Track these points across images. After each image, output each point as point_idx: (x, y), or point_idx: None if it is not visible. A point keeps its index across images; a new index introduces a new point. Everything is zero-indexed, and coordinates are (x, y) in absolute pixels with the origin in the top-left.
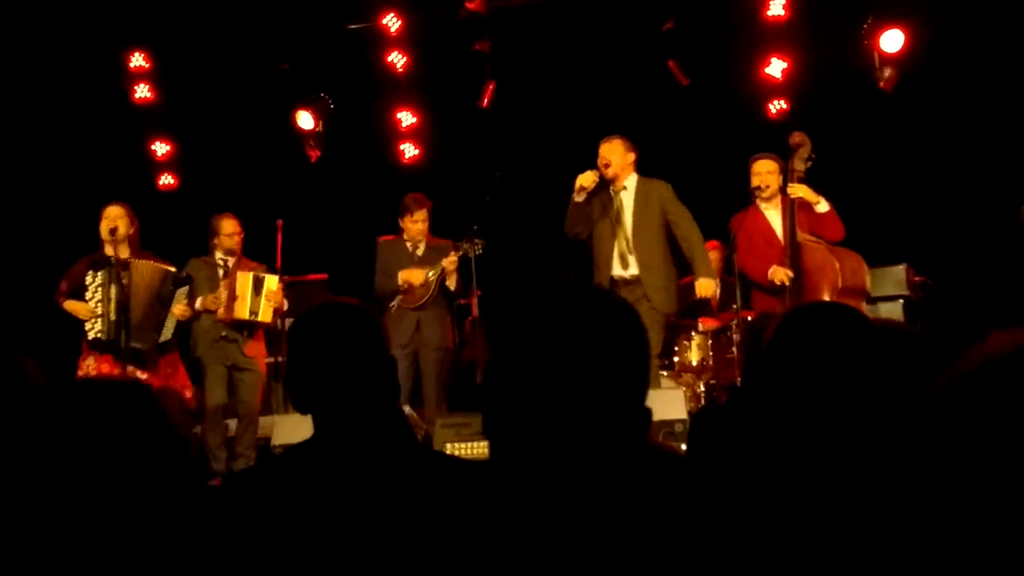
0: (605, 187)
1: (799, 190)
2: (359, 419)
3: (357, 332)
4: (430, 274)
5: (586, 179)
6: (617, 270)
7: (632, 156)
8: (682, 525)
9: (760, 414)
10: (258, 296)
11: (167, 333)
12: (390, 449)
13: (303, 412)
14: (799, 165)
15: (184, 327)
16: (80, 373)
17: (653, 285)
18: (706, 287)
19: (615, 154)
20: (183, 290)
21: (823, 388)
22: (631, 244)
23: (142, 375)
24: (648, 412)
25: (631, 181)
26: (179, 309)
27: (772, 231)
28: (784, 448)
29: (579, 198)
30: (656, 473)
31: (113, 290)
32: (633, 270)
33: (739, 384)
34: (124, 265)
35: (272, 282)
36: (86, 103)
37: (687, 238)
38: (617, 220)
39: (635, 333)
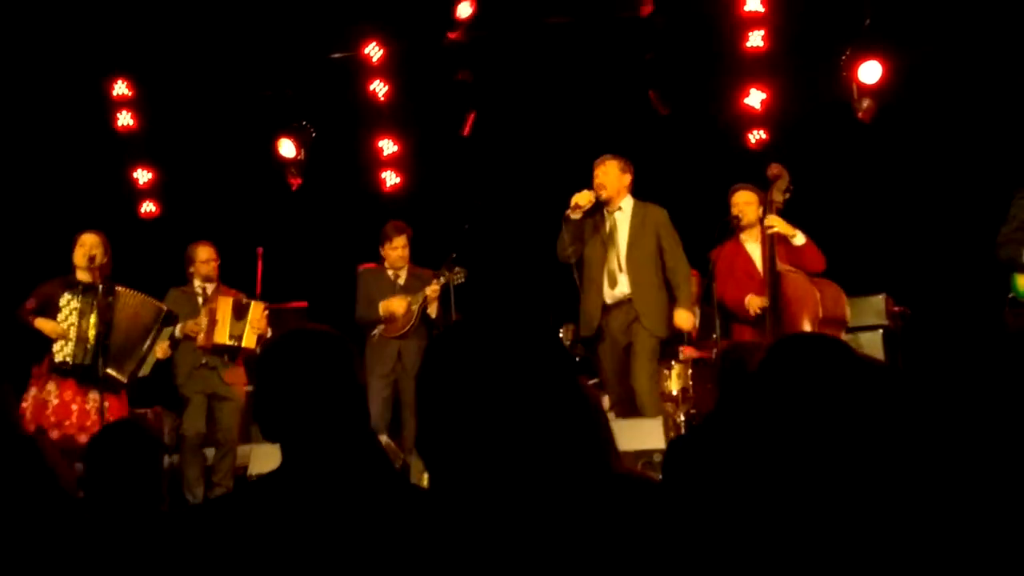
0: (599, 209)
1: (775, 222)
2: (328, 446)
3: (325, 358)
4: (412, 305)
5: (582, 198)
6: (607, 291)
7: (628, 178)
8: (653, 548)
9: (742, 443)
10: (240, 321)
11: (146, 368)
12: (360, 478)
13: (271, 440)
14: (777, 196)
15: (159, 364)
16: (36, 395)
17: (645, 306)
18: (684, 319)
19: (610, 176)
20: (168, 329)
21: (809, 419)
22: (623, 263)
23: (106, 402)
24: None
25: (627, 203)
26: (162, 350)
27: (752, 262)
28: (767, 477)
29: (574, 216)
30: (626, 498)
31: (94, 315)
32: (623, 288)
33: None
34: (110, 291)
35: (257, 309)
36: (69, 130)
37: (674, 269)
38: (610, 240)
39: (555, 358)
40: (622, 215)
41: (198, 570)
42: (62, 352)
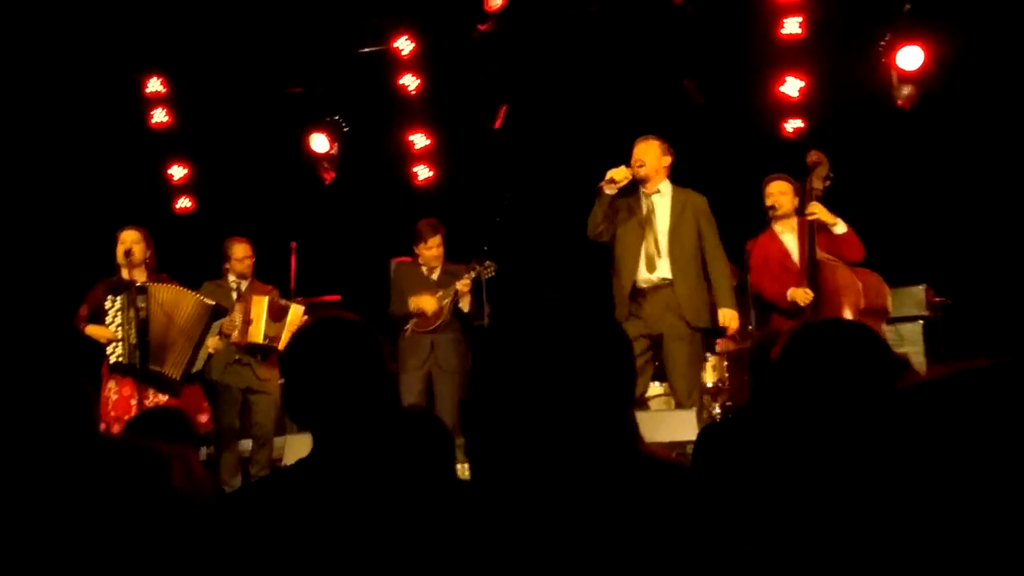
0: (633, 190)
1: (816, 210)
2: (357, 433)
3: (352, 346)
4: (443, 300)
5: (618, 173)
6: (643, 274)
7: (668, 159)
8: (680, 532)
9: (766, 429)
10: (277, 323)
11: (199, 364)
12: (388, 463)
13: (302, 428)
14: (817, 184)
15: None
16: (103, 395)
17: (687, 294)
18: (731, 318)
19: (650, 155)
20: (217, 323)
21: (830, 404)
22: (662, 247)
23: (162, 398)
24: (630, 420)
25: (665, 186)
26: (213, 342)
27: (787, 254)
28: (787, 462)
29: (609, 190)
30: (652, 482)
31: (131, 314)
32: (663, 272)
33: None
34: (141, 289)
35: (297, 312)
36: (104, 127)
37: (712, 261)
38: (648, 222)
39: (617, 344)
40: (661, 198)
41: (230, 554)
42: (115, 353)
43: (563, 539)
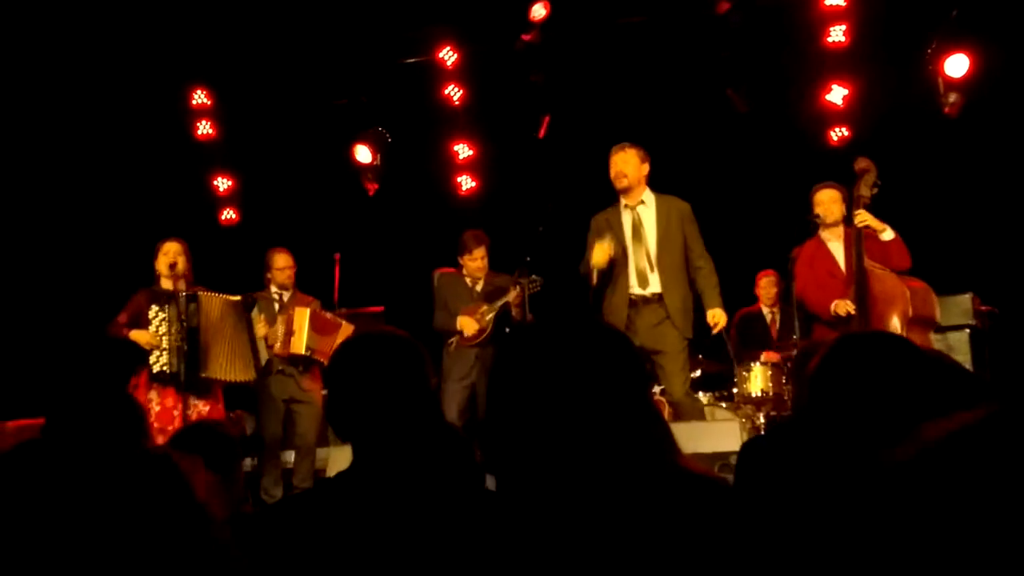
0: (614, 201)
1: (865, 217)
2: (398, 447)
3: (395, 360)
4: (487, 315)
5: (602, 260)
6: (635, 289)
7: (646, 168)
8: (717, 551)
9: (809, 444)
10: (319, 334)
11: (264, 354)
12: (430, 477)
13: (343, 440)
14: (864, 191)
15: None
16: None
17: (677, 307)
18: (721, 316)
19: (630, 165)
20: (255, 311)
21: (868, 418)
22: (653, 262)
23: (204, 407)
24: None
25: (648, 196)
26: (261, 330)
27: (835, 262)
28: (826, 476)
29: (592, 281)
30: (689, 497)
31: (181, 323)
32: (655, 288)
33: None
34: (192, 298)
35: (347, 331)
36: (150, 140)
37: (701, 269)
38: (635, 236)
39: (629, 359)
40: (646, 210)
41: (272, 566)
42: (159, 363)
43: (597, 555)
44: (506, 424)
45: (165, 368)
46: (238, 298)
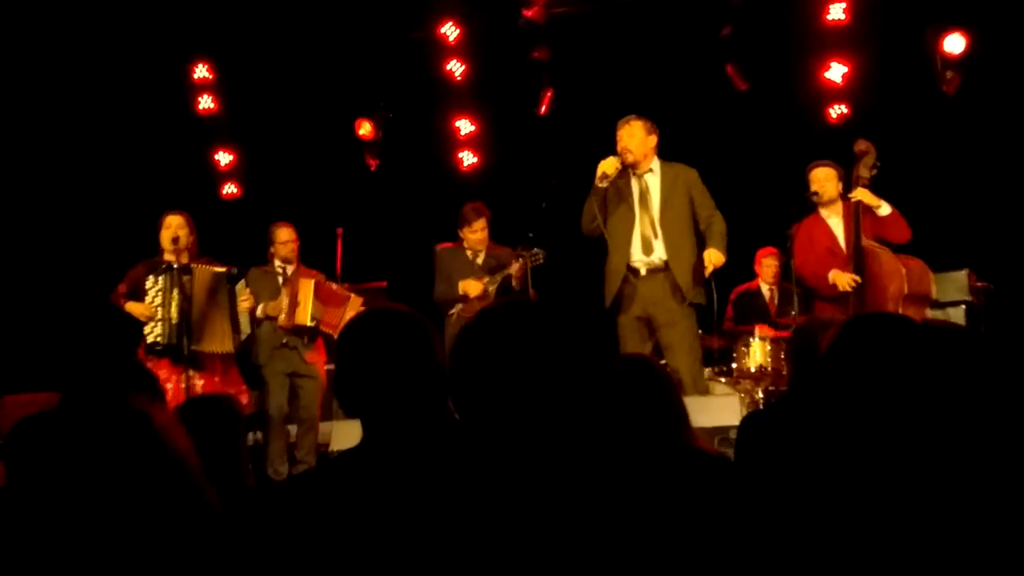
0: (623, 173)
1: (860, 193)
2: (407, 424)
3: (404, 337)
4: (489, 286)
5: (609, 166)
6: (638, 255)
7: (654, 139)
8: (724, 526)
9: (815, 423)
10: (325, 305)
11: (246, 328)
12: (438, 454)
13: (352, 416)
14: (864, 172)
15: (255, 325)
16: None
17: (683, 272)
18: (717, 257)
19: (635, 138)
20: (240, 283)
21: (882, 401)
22: (657, 228)
23: (200, 380)
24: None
25: (655, 165)
26: (245, 303)
27: (834, 238)
28: (840, 458)
29: (603, 184)
30: (698, 475)
31: (175, 295)
32: (660, 254)
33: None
34: (186, 270)
35: (356, 304)
36: (152, 114)
37: (711, 221)
38: (642, 203)
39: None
40: (652, 177)
41: (282, 544)
42: (153, 334)
43: (607, 534)
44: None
45: (159, 339)
46: (223, 269)
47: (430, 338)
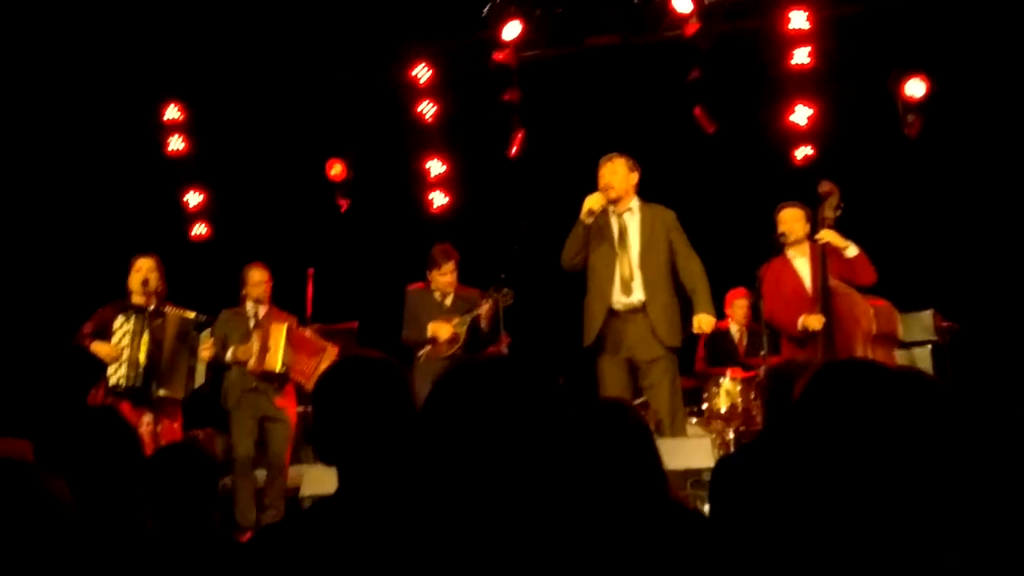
0: (603, 211)
1: (827, 235)
2: (383, 471)
3: (381, 385)
4: (459, 327)
5: (595, 202)
6: (618, 296)
7: (635, 176)
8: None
9: (784, 467)
10: (295, 351)
11: (200, 379)
12: (414, 502)
13: (328, 463)
14: (829, 213)
15: (215, 373)
16: None
17: (660, 315)
18: (707, 322)
19: (618, 175)
20: (205, 332)
21: (852, 449)
22: (636, 268)
23: (158, 424)
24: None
25: (635, 204)
26: (205, 352)
27: (799, 280)
28: (811, 507)
29: (588, 220)
30: (679, 530)
31: (145, 338)
32: (638, 295)
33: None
34: (158, 314)
35: (332, 354)
36: (121, 154)
37: (691, 269)
38: (621, 243)
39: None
40: (631, 217)
41: None
42: (115, 375)
43: None
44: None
45: (121, 381)
46: (192, 315)
47: (406, 386)
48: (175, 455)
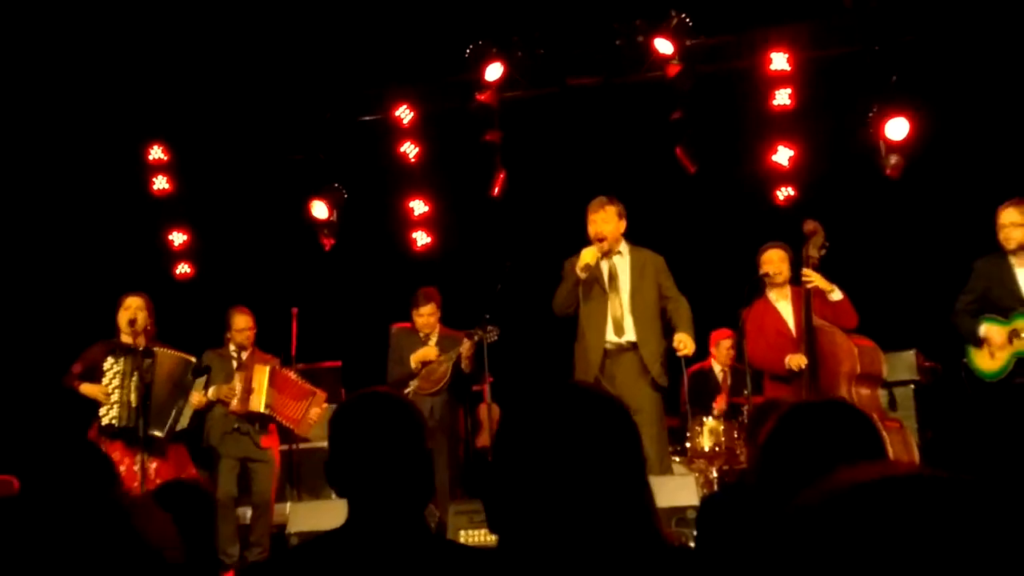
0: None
1: (813, 278)
2: (395, 507)
3: (399, 422)
4: (444, 363)
5: (591, 256)
6: (611, 337)
7: (624, 223)
8: None
9: (766, 507)
10: (279, 393)
11: (184, 422)
12: (413, 538)
13: (340, 496)
14: (813, 252)
15: (198, 416)
16: None
17: (651, 354)
18: (687, 343)
19: (609, 224)
20: (201, 380)
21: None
22: (627, 310)
23: (153, 463)
24: (646, 504)
25: (623, 247)
26: (196, 398)
27: (783, 320)
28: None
29: (583, 275)
30: (662, 563)
31: (135, 378)
32: (629, 336)
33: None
34: (148, 354)
35: (320, 399)
36: (106, 194)
37: (678, 311)
38: (611, 286)
39: (626, 428)
40: (622, 260)
41: None
42: (108, 416)
43: None
44: (510, 487)
45: (114, 422)
46: (192, 358)
47: (421, 425)
48: (174, 492)
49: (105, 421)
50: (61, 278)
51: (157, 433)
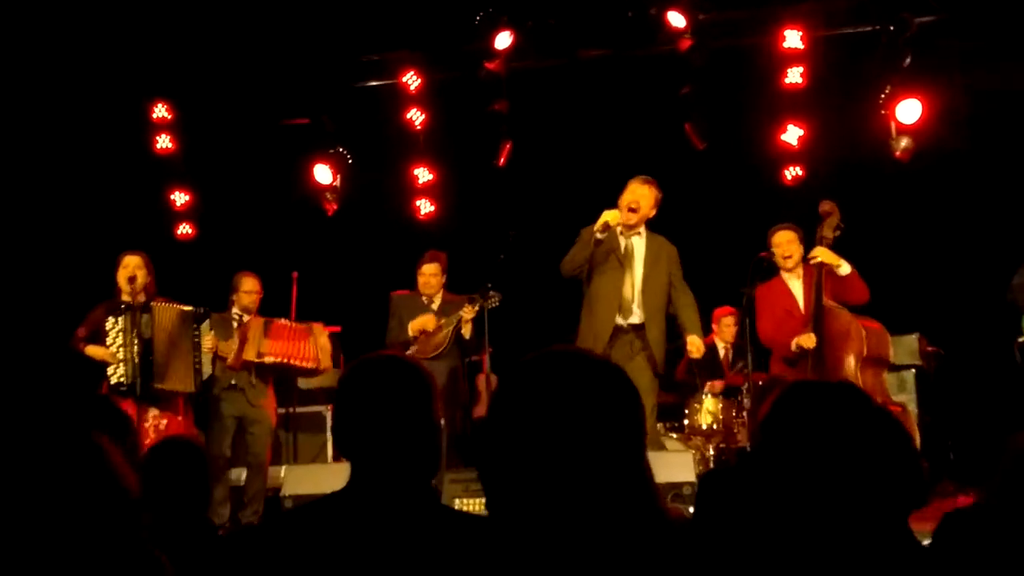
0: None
1: (818, 252)
2: (398, 471)
3: (409, 386)
4: (445, 327)
5: (613, 217)
6: (616, 318)
7: (655, 212)
8: None
9: (765, 484)
10: (274, 340)
11: (207, 369)
12: (416, 504)
13: (344, 457)
14: (828, 232)
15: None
16: None
17: (656, 339)
18: (699, 345)
19: (646, 201)
20: (205, 324)
21: (812, 465)
22: (638, 292)
23: (163, 419)
24: (645, 474)
25: (642, 230)
26: (209, 342)
27: (794, 300)
28: (779, 523)
29: (602, 236)
30: (662, 537)
31: (134, 334)
32: (635, 319)
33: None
34: (145, 308)
35: (320, 329)
36: (108, 152)
37: (684, 302)
38: (627, 264)
39: (629, 398)
40: (639, 241)
41: None
42: (116, 375)
43: None
44: (507, 455)
45: (122, 380)
46: (190, 308)
47: (431, 390)
48: (168, 449)
49: (114, 380)
50: (63, 238)
51: (171, 386)
